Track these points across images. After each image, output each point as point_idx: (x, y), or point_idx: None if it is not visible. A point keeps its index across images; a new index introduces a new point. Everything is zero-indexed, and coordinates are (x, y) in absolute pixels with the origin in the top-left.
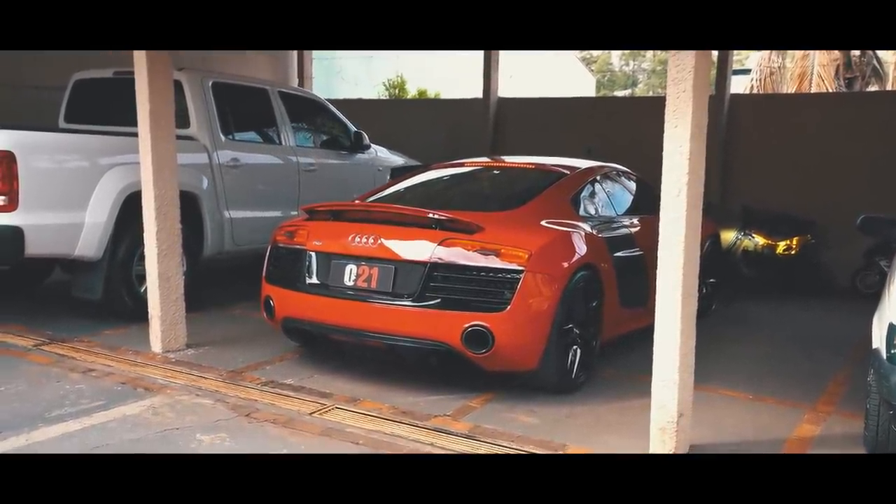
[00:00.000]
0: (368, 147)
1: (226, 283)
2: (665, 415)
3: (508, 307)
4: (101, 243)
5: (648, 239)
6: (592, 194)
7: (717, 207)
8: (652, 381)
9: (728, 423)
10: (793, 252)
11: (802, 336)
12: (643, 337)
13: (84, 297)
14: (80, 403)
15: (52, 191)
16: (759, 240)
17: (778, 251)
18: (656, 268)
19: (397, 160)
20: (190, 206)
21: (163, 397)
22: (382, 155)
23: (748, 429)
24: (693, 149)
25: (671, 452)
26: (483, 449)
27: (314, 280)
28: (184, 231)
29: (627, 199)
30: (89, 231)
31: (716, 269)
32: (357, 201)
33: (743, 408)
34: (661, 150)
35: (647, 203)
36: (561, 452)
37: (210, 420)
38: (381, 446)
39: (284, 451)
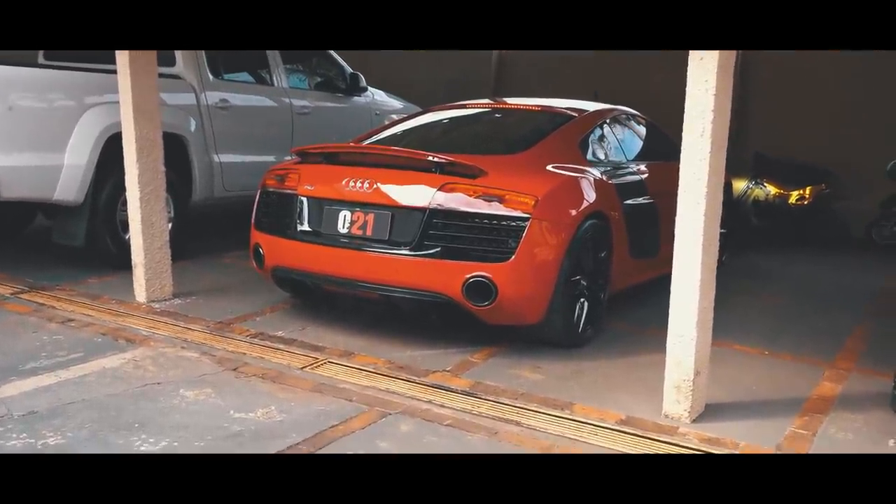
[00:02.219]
0: (365, 90)
1: (217, 230)
2: (681, 372)
3: (512, 257)
4: (82, 187)
5: (660, 186)
6: (602, 138)
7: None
8: (667, 337)
9: (744, 380)
10: (806, 202)
11: (817, 289)
12: (651, 289)
13: (65, 243)
14: (56, 355)
15: (28, 130)
16: (771, 189)
17: (790, 201)
18: (668, 216)
19: (396, 104)
20: (177, 150)
21: (145, 349)
22: (380, 99)
23: (765, 387)
24: (720, 84)
25: (686, 412)
26: (484, 407)
27: (305, 227)
28: (171, 176)
29: (638, 144)
30: (69, 173)
31: (726, 219)
32: (352, 144)
33: (759, 364)
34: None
35: (658, 148)
36: (568, 417)
37: (195, 374)
38: (376, 403)
39: (272, 408)
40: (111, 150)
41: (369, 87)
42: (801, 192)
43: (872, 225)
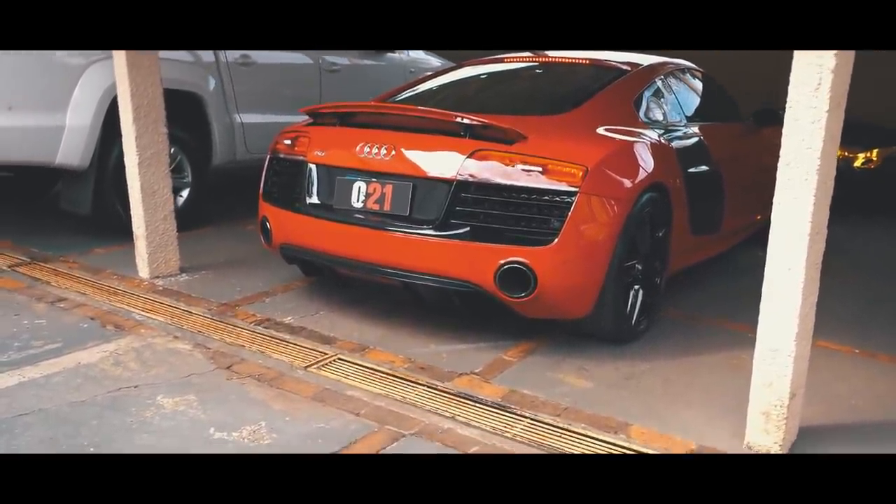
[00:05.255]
0: None
1: (242, 194)
2: (772, 396)
3: (556, 240)
4: (87, 150)
5: (724, 150)
6: (660, 96)
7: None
8: (756, 351)
9: (838, 391)
10: (873, 165)
11: (894, 266)
12: (706, 267)
13: (72, 210)
14: (30, 346)
15: (24, 88)
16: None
17: (856, 164)
18: (733, 185)
19: (434, 62)
20: (195, 110)
21: (133, 339)
22: (417, 56)
23: (865, 400)
24: None
25: (777, 444)
26: (519, 427)
27: (315, 199)
28: (189, 138)
29: (699, 103)
30: (71, 135)
31: None
32: (372, 103)
33: (850, 367)
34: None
35: (720, 108)
36: (625, 444)
37: (181, 374)
38: (388, 419)
39: (262, 424)
40: (118, 110)
41: None
42: (868, 154)
43: None
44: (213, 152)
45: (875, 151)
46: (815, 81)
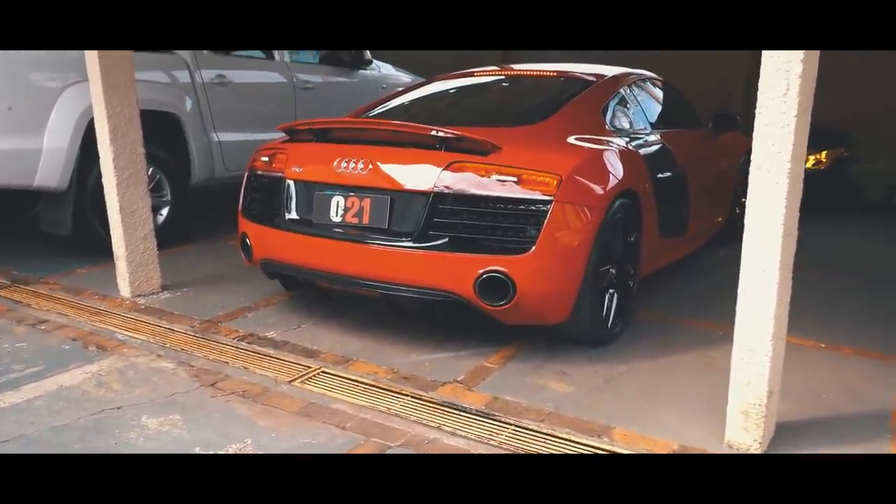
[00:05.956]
0: (370, 63)
1: (220, 212)
2: (751, 394)
3: (533, 248)
4: (65, 171)
5: (688, 156)
6: (625, 105)
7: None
8: (733, 350)
9: (810, 385)
10: (822, 166)
11: (848, 260)
12: (674, 269)
13: (52, 231)
14: (10, 371)
15: (0, 111)
16: None
17: (807, 166)
18: (697, 189)
19: (404, 78)
20: (173, 130)
21: (115, 359)
22: (387, 72)
23: (837, 394)
24: None
25: (756, 441)
26: (504, 435)
27: (294, 215)
28: (168, 157)
29: (662, 111)
30: (49, 157)
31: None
32: (347, 118)
33: (819, 361)
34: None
35: (682, 114)
36: (609, 447)
37: (165, 393)
38: (374, 432)
39: (247, 441)
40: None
41: (375, 61)
42: (818, 156)
43: (894, 189)
44: (191, 171)
45: (824, 153)
46: (783, 86)
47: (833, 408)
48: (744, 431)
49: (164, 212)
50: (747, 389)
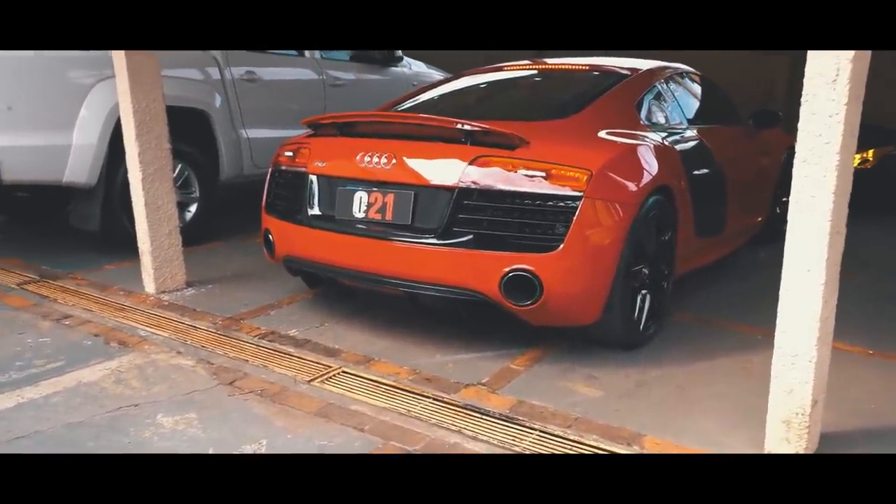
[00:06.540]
0: (401, 59)
1: (249, 209)
2: (793, 403)
3: (561, 246)
4: (94, 168)
5: (726, 152)
6: (661, 99)
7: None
8: (774, 356)
9: (856, 394)
10: (869, 165)
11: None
12: (712, 268)
13: (82, 227)
14: (32, 365)
15: (30, 108)
16: None
17: (853, 164)
18: (735, 187)
19: (436, 76)
20: (202, 126)
21: (136, 355)
22: (419, 69)
23: (885, 403)
24: None
25: (801, 453)
26: (528, 441)
27: (316, 211)
28: (197, 154)
29: (700, 106)
30: (78, 154)
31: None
32: (371, 112)
33: (865, 368)
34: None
35: (721, 110)
36: (636, 449)
37: (183, 391)
38: (393, 435)
39: (263, 443)
40: None
41: (406, 58)
42: (864, 154)
43: None
44: (220, 167)
45: (871, 152)
46: (833, 72)
47: (882, 418)
48: (785, 442)
49: (193, 208)
50: (789, 397)
